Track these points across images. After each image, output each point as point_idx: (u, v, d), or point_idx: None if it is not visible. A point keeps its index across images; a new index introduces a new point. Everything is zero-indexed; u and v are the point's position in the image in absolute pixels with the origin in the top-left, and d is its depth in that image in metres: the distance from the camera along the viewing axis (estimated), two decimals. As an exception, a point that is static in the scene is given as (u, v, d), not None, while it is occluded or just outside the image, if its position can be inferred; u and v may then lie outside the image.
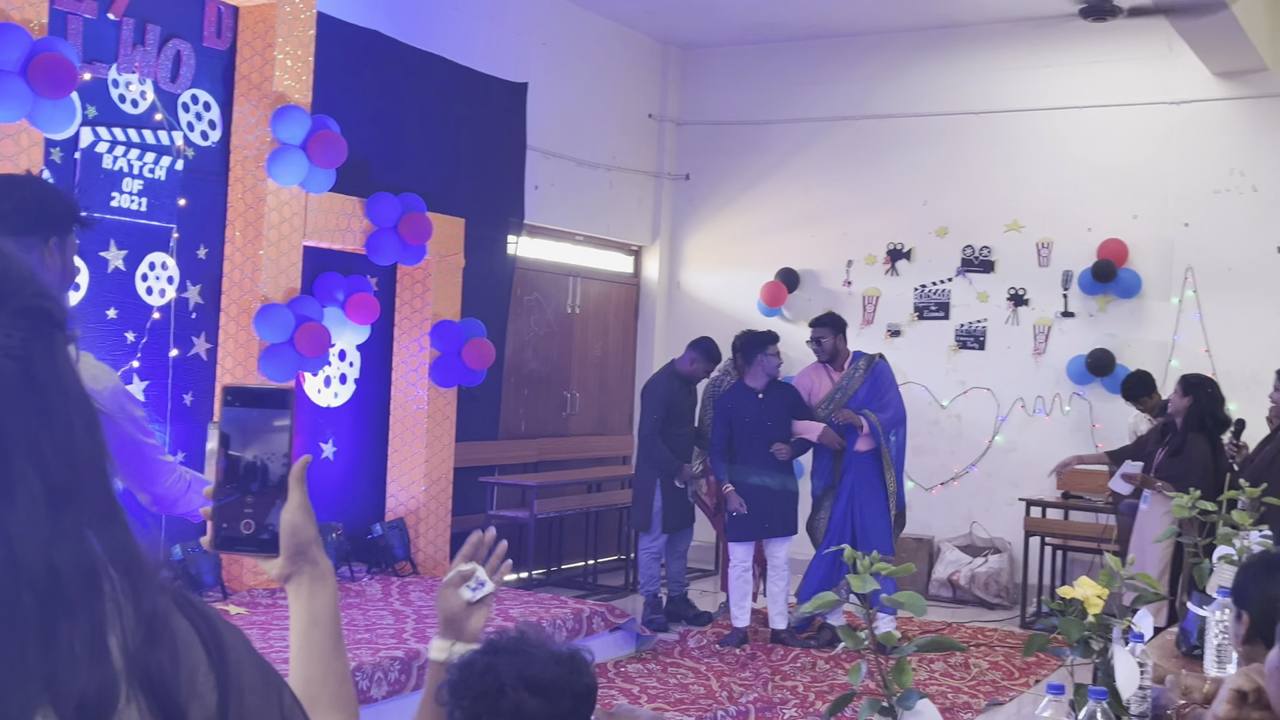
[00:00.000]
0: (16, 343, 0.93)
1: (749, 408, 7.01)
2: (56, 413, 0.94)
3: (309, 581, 1.32)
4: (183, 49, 6.26)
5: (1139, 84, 8.57)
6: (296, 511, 1.31)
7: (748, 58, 9.97)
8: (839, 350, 7.17)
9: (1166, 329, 8.48)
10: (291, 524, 1.30)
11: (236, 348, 6.42)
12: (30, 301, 0.95)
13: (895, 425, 7.08)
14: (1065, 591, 2.56)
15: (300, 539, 1.31)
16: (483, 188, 8.22)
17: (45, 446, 0.92)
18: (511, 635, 1.73)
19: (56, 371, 0.95)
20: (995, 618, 8.13)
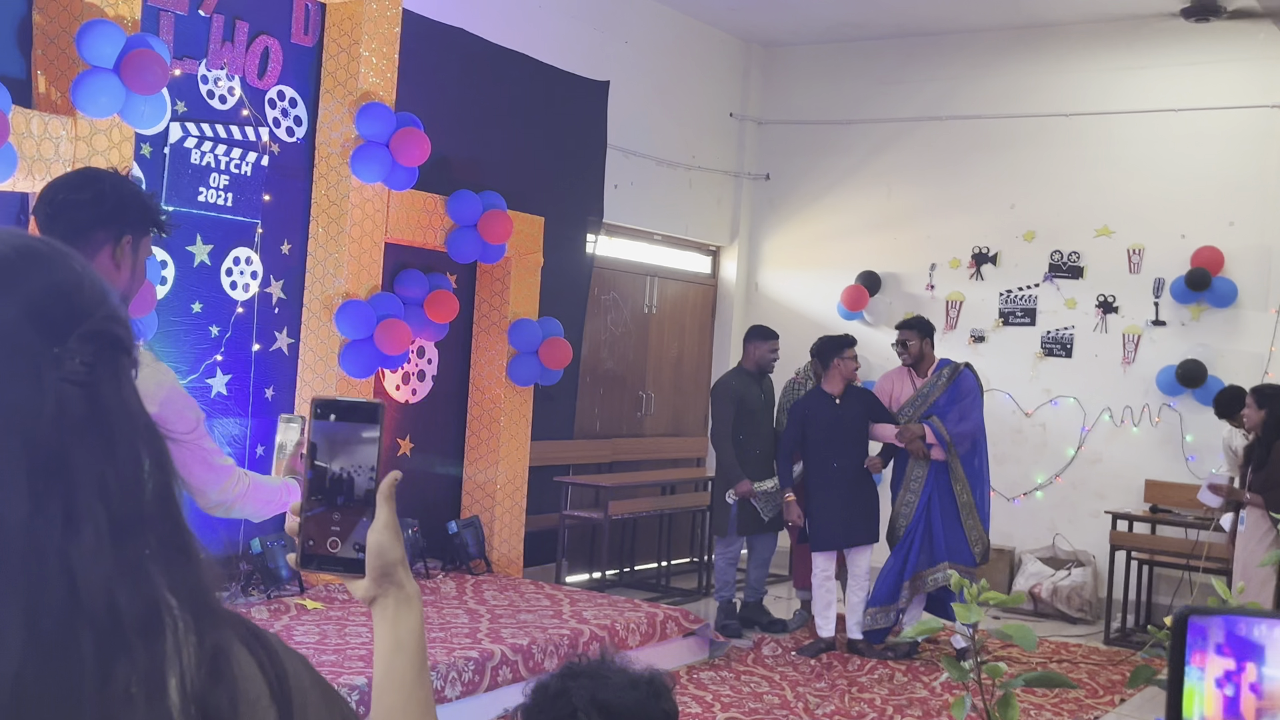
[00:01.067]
0: (83, 369, 0.90)
1: (825, 413, 6.90)
2: (122, 443, 0.91)
3: (394, 605, 1.27)
4: (270, 45, 6.30)
5: (1239, 86, 8.30)
6: (384, 531, 1.25)
7: (831, 56, 9.84)
8: (924, 355, 7.03)
9: (1263, 340, 8.21)
10: (378, 544, 1.25)
11: (318, 343, 6.45)
12: (101, 325, 0.93)
13: (969, 439, 6.88)
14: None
15: (386, 560, 1.25)
16: (562, 186, 8.20)
17: (110, 478, 0.89)
18: (591, 658, 1.68)
19: (123, 399, 0.93)
20: (1078, 632, 7.93)
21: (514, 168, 7.78)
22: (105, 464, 0.89)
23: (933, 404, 6.95)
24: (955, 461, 6.86)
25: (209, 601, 0.93)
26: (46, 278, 0.92)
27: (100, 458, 0.89)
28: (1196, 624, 0.83)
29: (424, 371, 7.26)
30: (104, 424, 0.90)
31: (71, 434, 0.88)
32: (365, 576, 1.25)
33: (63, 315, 0.91)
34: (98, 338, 0.92)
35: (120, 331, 0.95)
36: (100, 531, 0.87)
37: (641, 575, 8.92)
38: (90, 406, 0.90)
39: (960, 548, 6.84)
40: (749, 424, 7.38)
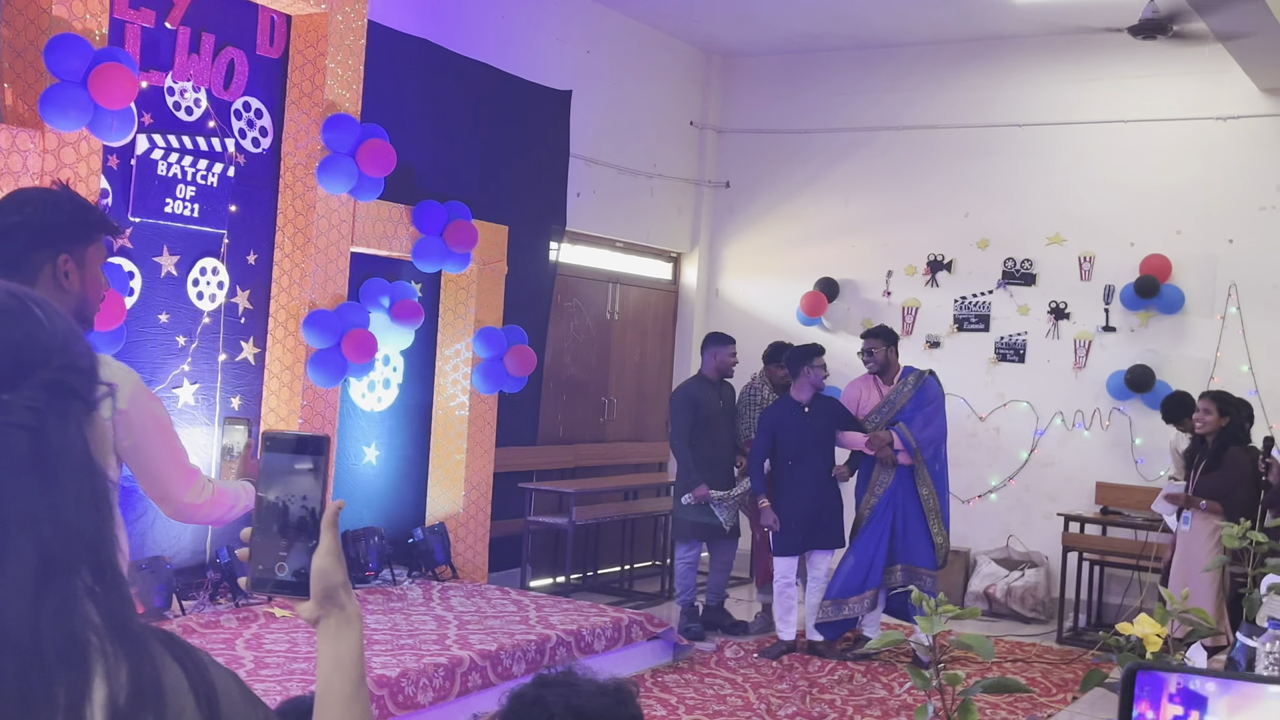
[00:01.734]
0: (30, 415, 0.99)
1: (794, 421, 7.03)
2: (59, 485, 0.99)
3: (336, 625, 1.35)
4: (236, 57, 6.34)
5: (1185, 99, 8.53)
6: (326, 556, 1.34)
7: (790, 66, 9.99)
8: (890, 363, 7.19)
9: (1209, 346, 8.44)
10: (321, 568, 1.34)
11: (284, 353, 6.50)
12: (55, 375, 1.01)
13: (933, 444, 7.06)
14: (1124, 628, 2.58)
15: (329, 583, 1.34)
16: (526, 195, 8.28)
17: (43, 518, 0.97)
18: (559, 670, 1.79)
19: (66, 444, 1.01)
20: (1031, 632, 8.12)
21: (478, 177, 7.86)
22: (41, 505, 0.98)
23: (899, 410, 7.11)
24: (921, 466, 7.02)
25: (136, 629, 1.02)
26: (3, 331, 1.01)
27: (37, 499, 0.98)
28: (1143, 677, 0.92)
29: (389, 380, 7.32)
30: (45, 467, 0.99)
31: (11, 476, 0.97)
32: (309, 599, 1.34)
33: (13, 365, 1.00)
34: (50, 386, 1.01)
35: (74, 380, 1.03)
36: (26, 566, 0.95)
37: (604, 579, 9.02)
38: (34, 450, 0.99)
39: (921, 550, 6.99)
40: (707, 431, 7.49)
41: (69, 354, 1.04)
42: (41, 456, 0.99)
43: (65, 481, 1.00)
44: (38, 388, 1.00)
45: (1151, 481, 8.30)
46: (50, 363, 1.02)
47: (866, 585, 7.00)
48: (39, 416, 0.99)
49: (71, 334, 1.05)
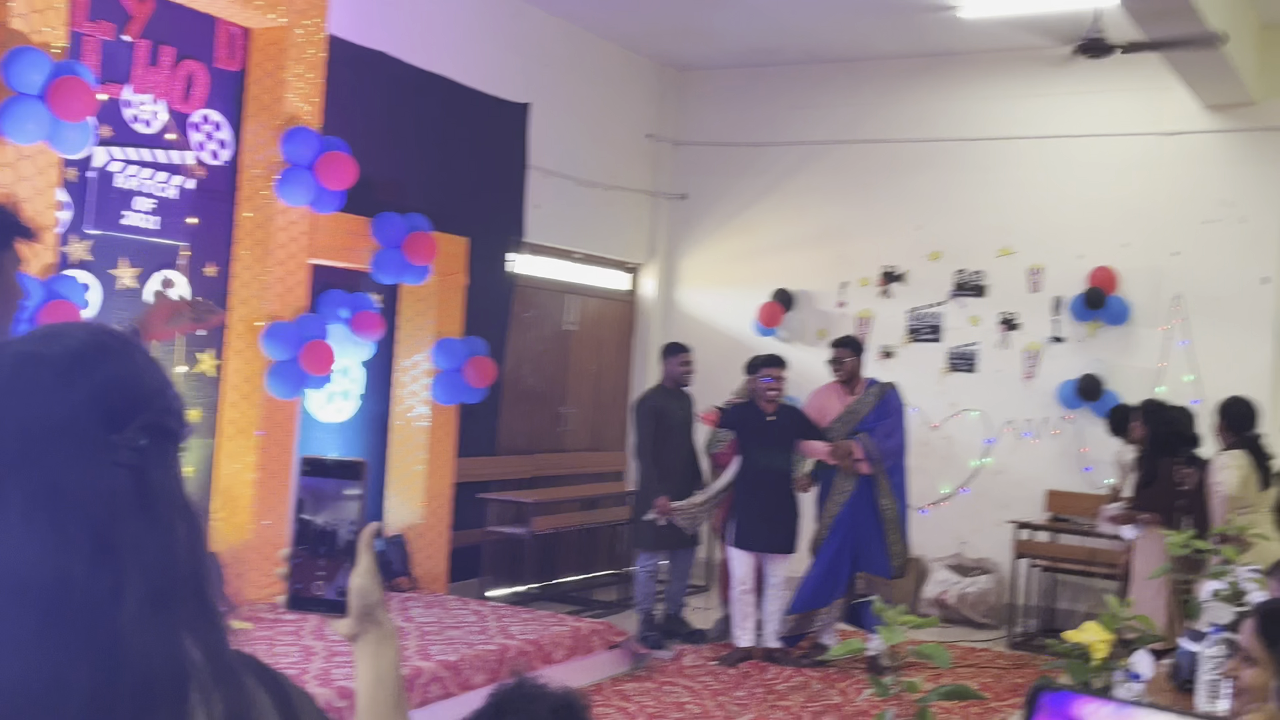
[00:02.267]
0: (135, 456, 1.05)
1: (757, 423, 7.14)
2: (163, 523, 1.05)
3: (375, 642, 1.40)
4: (195, 70, 6.35)
5: (1131, 115, 8.73)
6: (364, 575, 1.39)
7: (745, 80, 10.10)
8: (856, 373, 7.30)
9: (1155, 356, 8.64)
10: (360, 587, 1.38)
11: (243, 364, 6.50)
12: (156, 418, 1.07)
13: (894, 455, 7.19)
14: (1071, 635, 2.68)
15: (368, 601, 1.38)
16: (485, 206, 8.33)
17: (151, 554, 1.03)
18: (510, 686, 1.81)
19: (168, 483, 1.07)
20: (984, 637, 8.26)
21: (437, 189, 7.89)
22: (148, 540, 1.03)
23: (861, 420, 7.21)
24: (882, 476, 7.13)
25: (233, 661, 1.08)
26: (112, 371, 1.07)
27: (144, 535, 1.03)
28: (1047, 697, 0.94)
29: (349, 391, 7.34)
30: (150, 504, 1.04)
31: (121, 513, 1.02)
32: (348, 616, 1.39)
33: (123, 406, 1.06)
34: (151, 428, 1.06)
35: (172, 423, 1.10)
36: (141, 601, 1.00)
37: (563, 588, 9.06)
38: (139, 488, 1.04)
39: (879, 559, 7.09)
40: (669, 440, 7.57)
41: (165, 396, 1.10)
42: (146, 496, 1.04)
43: (168, 519, 1.05)
44: (141, 430, 1.05)
45: (1098, 489, 8.47)
46: (153, 405, 1.07)
47: (833, 595, 7.11)
48: (143, 457, 1.05)
49: (164, 376, 1.11)
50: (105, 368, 1.06)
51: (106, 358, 1.07)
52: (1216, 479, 5.95)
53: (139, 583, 1.01)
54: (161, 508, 1.05)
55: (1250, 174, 8.43)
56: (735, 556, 7.23)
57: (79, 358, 1.06)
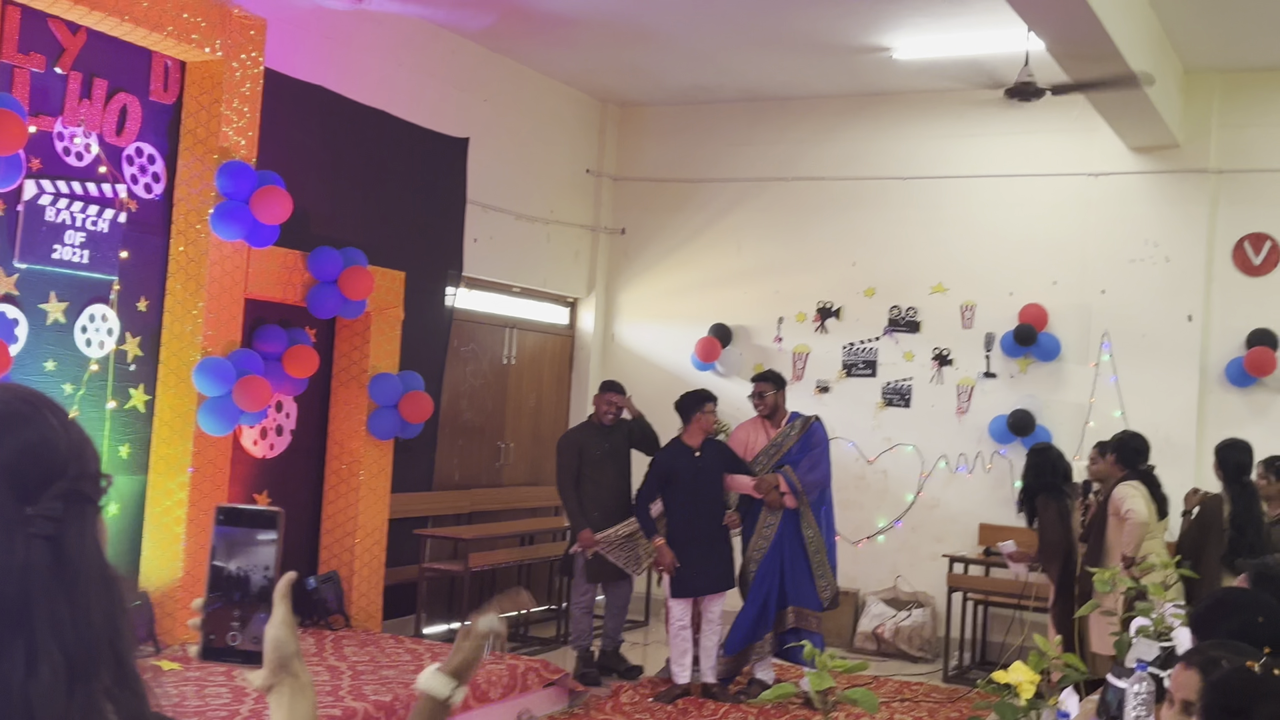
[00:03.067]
0: (51, 526, 1.03)
1: (686, 465, 7.14)
2: (80, 591, 1.04)
3: (290, 693, 1.38)
4: (129, 103, 6.29)
5: (1059, 156, 8.92)
6: (280, 626, 1.37)
7: (684, 117, 10.20)
8: (779, 406, 7.37)
9: (1084, 391, 8.80)
10: (275, 638, 1.36)
11: (176, 400, 6.41)
12: (72, 485, 1.05)
13: (818, 487, 7.24)
14: (1000, 676, 2.71)
15: (283, 653, 1.36)
16: (423, 241, 8.31)
17: (66, 623, 1.02)
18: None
19: (84, 550, 1.06)
20: (919, 671, 8.32)
21: (375, 223, 7.87)
22: (64, 610, 1.02)
23: (785, 453, 7.27)
24: (806, 509, 7.19)
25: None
26: (24, 438, 1.05)
27: (60, 604, 1.01)
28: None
29: (282, 426, 7.26)
30: (66, 573, 1.03)
31: (36, 583, 1.01)
32: (263, 667, 1.37)
33: (36, 476, 1.04)
34: (67, 496, 1.04)
35: (88, 487, 1.07)
36: (57, 671, 0.99)
37: (500, 624, 8.97)
38: (55, 558, 1.03)
39: (808, 593, 7.14)
40: (593, 474, 7.56)
41: (82, 459, 1.08)
42: (63, 564, 1.02)
43: (85, 586, 1.04)
44: (56, 499, 1.03)
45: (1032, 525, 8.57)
46: (68, 471, 1.05)
47: (764, 630, 7.13)
48: (59, 526, 1.03)
49: (82, 438, 1.09)
50: (16, 436, 1.04)
51: (17, 425, 1.05)
52: (1126, 508, 6.09)
53: (55, 654, 0.99)
54: (79, 575, 1.03)
55: (1175, 214, 8.64)
56: (670, 603, 7.22)
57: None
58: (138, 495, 6.41)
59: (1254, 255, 8.55)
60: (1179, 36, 7.93)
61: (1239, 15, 7.50)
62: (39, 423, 1.07)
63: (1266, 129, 8.50)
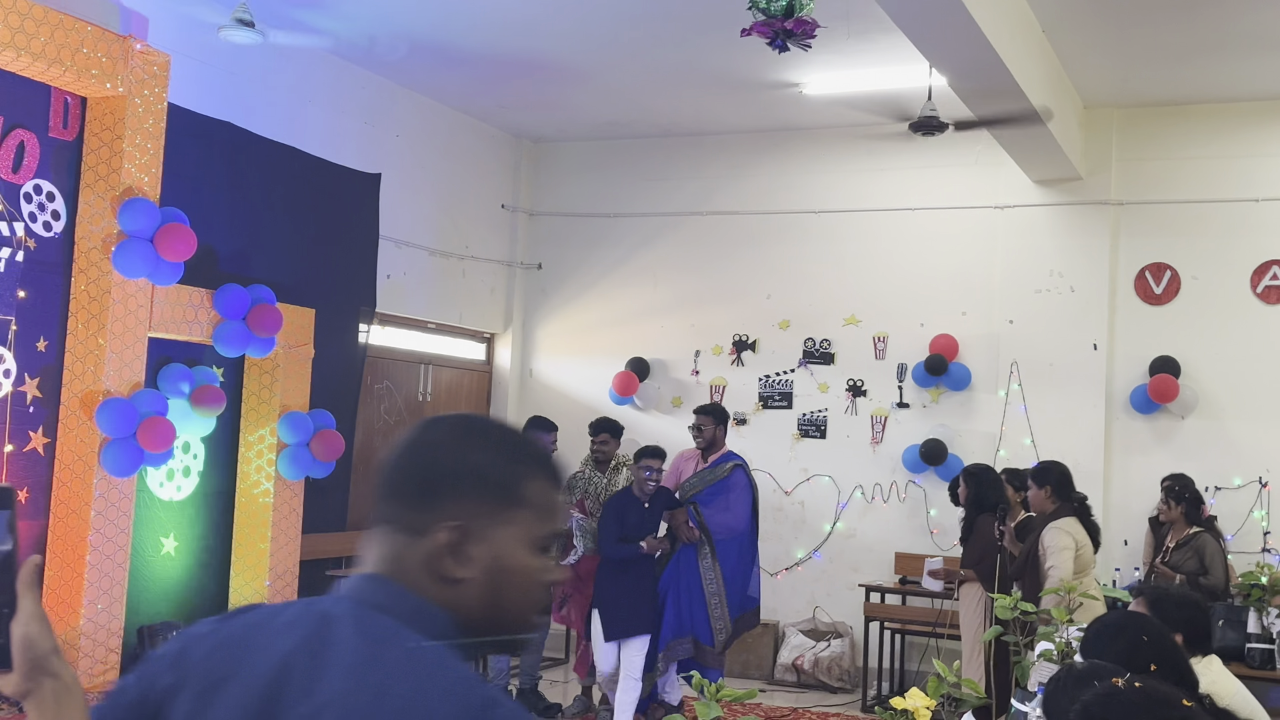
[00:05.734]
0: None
1: (635, 514, 7.06)
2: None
3: (54, 697, 1.23)
4: (27, 139, 6.16)
5: (966, 189, 9.11)
6: (30, 622, 1.22)
7: (598, 153, 10.24)
8: (716, 440, 7.30)
9: (994, 420, 8.94)
10: (25, 636, 1.21)
11: (77, 442, 6.26)
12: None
13: (728, 529, 7.08)
14: (897, 703, 2.73)
15: (36, 651, 1.22)
16: (334, 277, 8.23)
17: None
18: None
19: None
20: (838, 702, 8.35)
21: (284, 260, 7.77)
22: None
23: (702, 490, 7.20)
24: (708, 548, 7.08)
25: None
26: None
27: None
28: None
29: (189, 467, 7.12)
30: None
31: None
32: (13, 671, 1.22)
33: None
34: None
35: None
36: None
37: (417, 665, 8.85)
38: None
39: (702, 626, 7.03)
40: None
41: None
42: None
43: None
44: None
45: (947, 551, 8.69)
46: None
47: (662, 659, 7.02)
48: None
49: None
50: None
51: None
52: (1049, 564, 5.96)
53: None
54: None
55: (1078, 245, 8.84)
56: (600, 648, 7.06)
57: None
58: (39, 539, 6.23)
59: (1155, 285, 8.77)
60: (1077, 73, 8.15)
61: (1133, 52, 7.73)
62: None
63: (1164, 161, 8.76)
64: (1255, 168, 8.53)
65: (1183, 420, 8.58)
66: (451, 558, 1.30)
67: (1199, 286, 8.64)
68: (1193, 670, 2.84)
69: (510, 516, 1.32)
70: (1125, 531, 8.46)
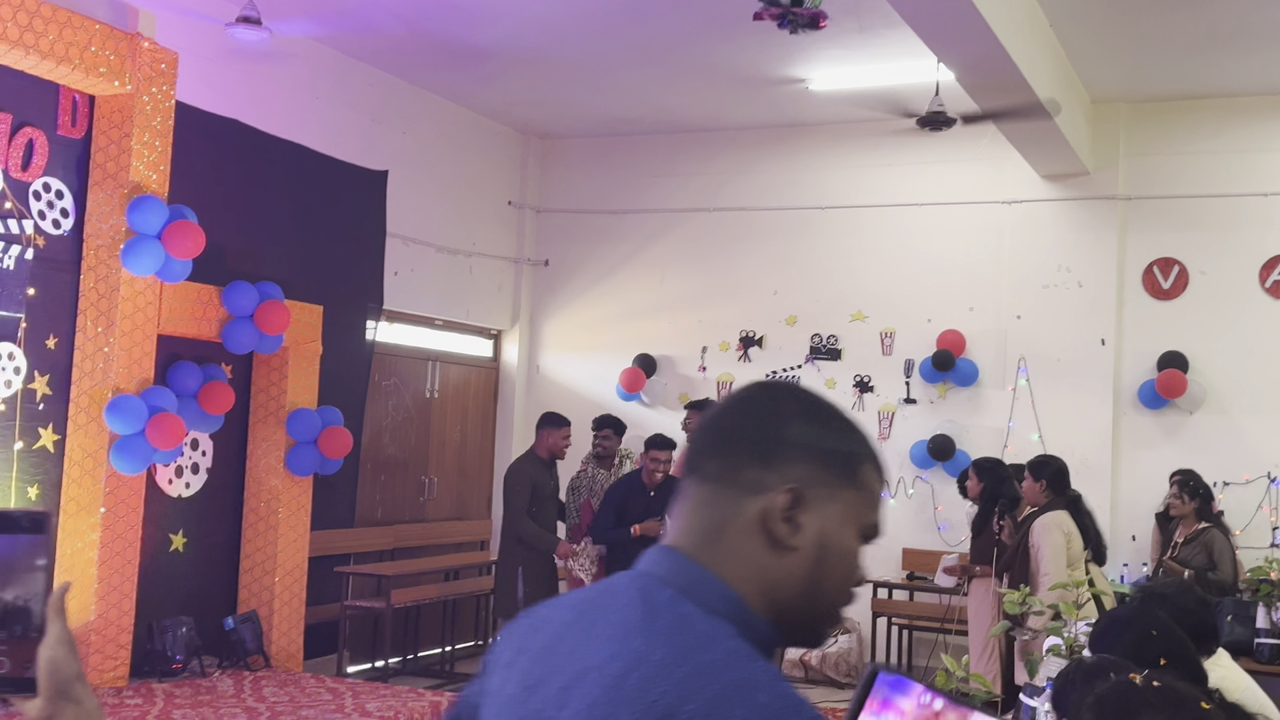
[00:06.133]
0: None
1: (641, 501, 7.09)
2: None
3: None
4: (35, 137, 6.18)
5: (973, 184, 9.09)
6: (57, 646, 1.21)
7: (605, 149, 10.24)
8: None
9: (1002, 416, 8.93)
10: (51, 660, 1.20)
11: (86, 439, 6.28)
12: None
13: None
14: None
15: (61, 677, 1.20)
16: (341, 274, 8.24)
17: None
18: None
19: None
20: (845, 698, 8.34)
21: (291, 257, 7.79)
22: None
23: None
24: None
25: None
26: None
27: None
28: (885, 679, 0.98)
29: (198, 464, 7.14)
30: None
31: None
32: (38, 695, 1.20)
33: None
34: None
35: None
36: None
37: (425, 662, 8.89)
38: None
39: None
40: (541, 510, 7.50)
41: None
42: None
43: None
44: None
45: (954, 547, 8.68)
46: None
47: None
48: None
49: None
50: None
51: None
52: (1044, 555, 5.95)
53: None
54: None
55: (1086, 240, 8.83)
56: None
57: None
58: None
59: (1163, 279, 8.76)
60: (1084, 67, 8.14)
61: (1141, 46, 7.71)
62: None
63: (1172, 156, 8.74)
64: (1264, 162, 8.52)
65: (1190, 415, 8.56)
66: (786, 522, 1.25)
67: (1207, 281, 8.62)
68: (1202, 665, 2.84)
69: (845, 496, 1.28)
70: (1133, 527, 8.45)
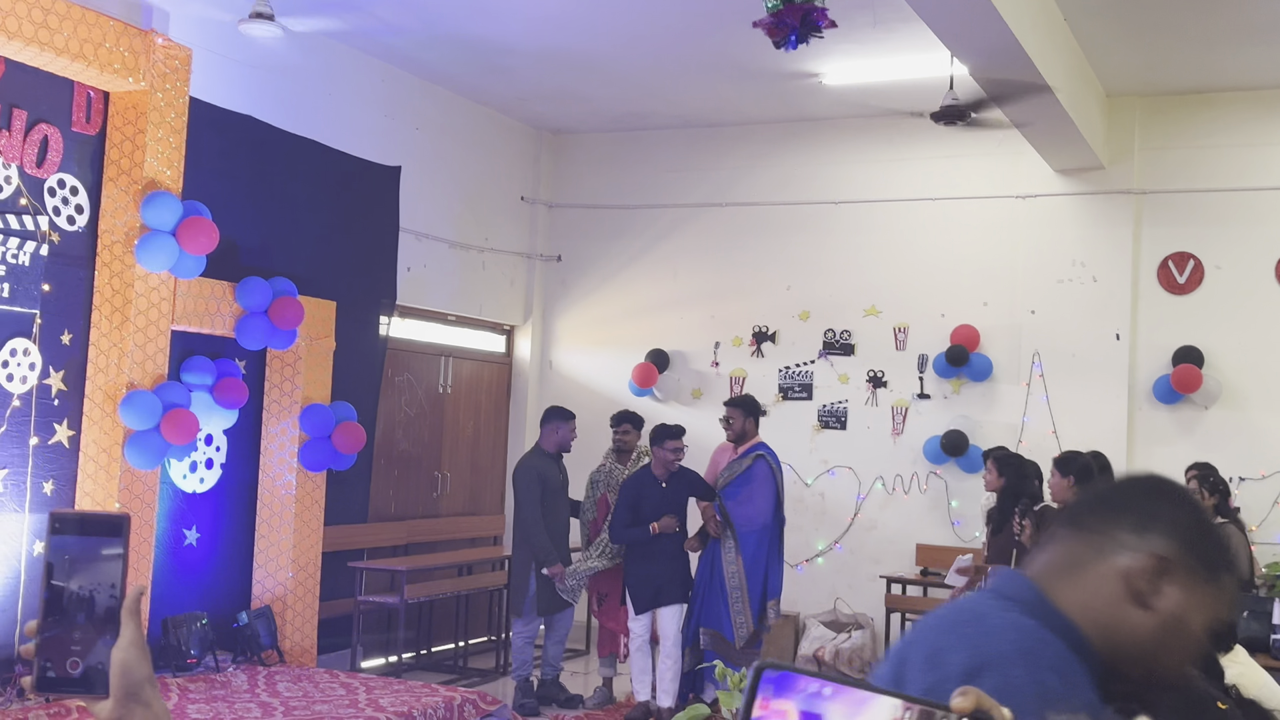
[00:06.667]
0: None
1: (653, 493, 7.12)
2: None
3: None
4: (50, 134, 6.20)
5: (987, 179, 9.06)
6: (129, 649, 1.22)
7: (618, 144, 10.24)
8: (746, 432, 7.27)
9: (1016, 411, 8.91)
10: (123, 662, 1.22)
11: (101, 435, 6.30)
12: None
13: (750, 523, 7.05)
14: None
15: (132, 679, 1.22)
16: (355, 270, 8.26)
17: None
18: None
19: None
20: (859, 693, 8.32)
21: (305, 253, 7.80)
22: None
23: (730, 482, 7.20)
24: (730, 541, 7.08)
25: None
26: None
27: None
28: (770, 676, 0.89)
29: (212, 460, 7.16)
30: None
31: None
32: (109, 697, 1.22)
33: None
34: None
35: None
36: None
37: (439, 657, 8.91)
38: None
39: (724, 620, 7.03)
40: (550, 506, 7.51)
41: None
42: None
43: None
44: None
45: (968, 542, 8.67)
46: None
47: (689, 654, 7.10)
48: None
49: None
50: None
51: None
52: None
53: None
54: None
55: (1101, 235, 8.80)
56: (633, 624, 7.17)
57: None
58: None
59: (1178, 274, 8.72)
60: (1099, 61, 8.10)
61: (1156, 40, 7.67)
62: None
63: (1187, 150, 8.70)
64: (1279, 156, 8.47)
65: (1206, 410, 8.52)
66: (1148, 583, 1.43)
67: (1222, 276, 8.58)
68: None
69: (1205, 588, 1.46)
70: (1148, 522, 8.41)
